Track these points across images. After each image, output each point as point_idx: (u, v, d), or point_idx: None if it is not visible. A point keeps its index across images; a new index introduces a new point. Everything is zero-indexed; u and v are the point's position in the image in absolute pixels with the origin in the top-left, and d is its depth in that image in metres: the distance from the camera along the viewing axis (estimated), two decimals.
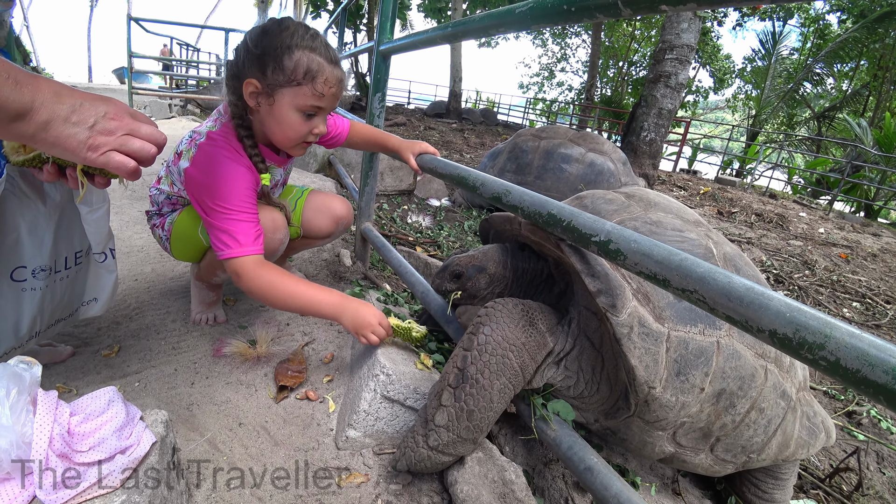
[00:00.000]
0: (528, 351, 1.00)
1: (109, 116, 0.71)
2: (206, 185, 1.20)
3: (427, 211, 3.74)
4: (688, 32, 6.04)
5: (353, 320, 1.21)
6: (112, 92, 12.55)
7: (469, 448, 0.98)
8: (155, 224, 1.51)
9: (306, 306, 1.21)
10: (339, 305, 1.22)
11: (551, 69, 27.34)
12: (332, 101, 1.23)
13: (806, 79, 15.71)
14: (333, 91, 1.20)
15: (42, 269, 1.04)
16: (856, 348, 0.51)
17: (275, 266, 1.22)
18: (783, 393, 1.03)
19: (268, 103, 1.19)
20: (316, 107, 1.20)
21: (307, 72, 1.14)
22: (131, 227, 2.42)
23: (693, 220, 1.24)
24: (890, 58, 14.86)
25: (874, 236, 6.37)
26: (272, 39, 1.14)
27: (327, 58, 1.17)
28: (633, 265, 0.78)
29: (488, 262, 1.22)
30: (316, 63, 1.15)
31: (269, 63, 1.14)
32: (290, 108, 1.18)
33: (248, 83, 1.16)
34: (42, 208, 1.01)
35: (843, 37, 14.77)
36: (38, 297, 1.05)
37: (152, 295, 1.79)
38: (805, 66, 15.94)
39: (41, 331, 1.11)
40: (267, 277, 1.18)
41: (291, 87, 1.16)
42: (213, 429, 1.19)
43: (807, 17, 17.20)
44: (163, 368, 1.38)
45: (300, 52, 1.14)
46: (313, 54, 1.15)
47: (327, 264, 2.27)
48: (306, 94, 1.16)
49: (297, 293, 1.20)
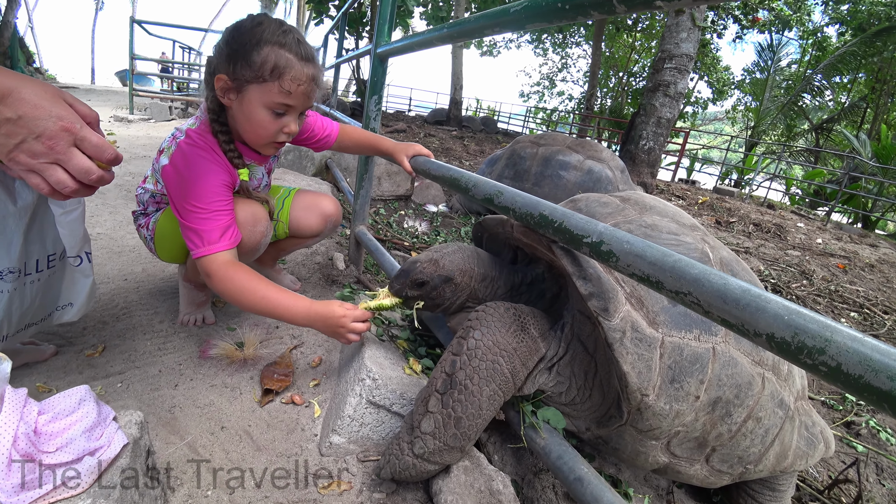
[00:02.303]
0: (519, 356, 0.96)
1: (45, 138, 0.69)
2: (180, 183, 1.18)
3: (424, 216, 3.72)
4: (687, 42, 6.07)
5: (324, 323, 1.17)
6: (114, 94, 12.59)
7: (456, 456, 0.95)
8: (140, 224, 1.49)
9: (275, 311, 1.16)
10: (308, 311, 1.17)
11: (552, 78, 27.48)
12: (302, 100, 1.19)
13: (805, 90, 15.80)
14: (303, 89, 1.17)
15: (10, 272, 1.00)
16: (858, 353, 0.48)
17: (247, 268, 1.19)
18: (781, 402, 1.00)
19: (237, 100, 1.17)
20: (285, 105, 1.17)
21: (274, 68, 1.12)
22: (125, 227, 2.40)
23: (689, 224, 1.21)
24: (888, 71, 14.98)
25: (872, 247, 6.36)
26: (243, 34, 1.13)
27: (297, 54, 1.14)
28: (626, 267, 0.75)
29: (454, 272, 1.14)
30: (284, 59, 1.12)
31: (238, 58, 1.12)
32: (258, 105, 1.16)
33: (218, 78, 1.14)
34: (11, 208, 0.98)
35: (841, 50, 14.87)
36: (5, 299, 1.01)
37: (141, 295, 1.76)
38: (804, 78, 16.03)
39: (9, 335, 1.07)
40: (237, 279, 1.15)
41: (258, 84, 1.13)
42: (195, 432, 1.16)
43: (805, 30, 17.32)
44: (147, 369, 1.35)
45: (269, 47, 1.11)
46: (282, 50, 1.12)
47: (320, 267, 2.24)
48: (273, 92, 1.14)
49: (268, 297, 1.15)
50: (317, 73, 1.20)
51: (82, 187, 0.75)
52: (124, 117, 6.82)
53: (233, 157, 1.25)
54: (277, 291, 1.17)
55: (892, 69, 14.93)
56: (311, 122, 1.58)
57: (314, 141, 1.62)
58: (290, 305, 1.16)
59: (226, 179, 1.22)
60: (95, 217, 2.50)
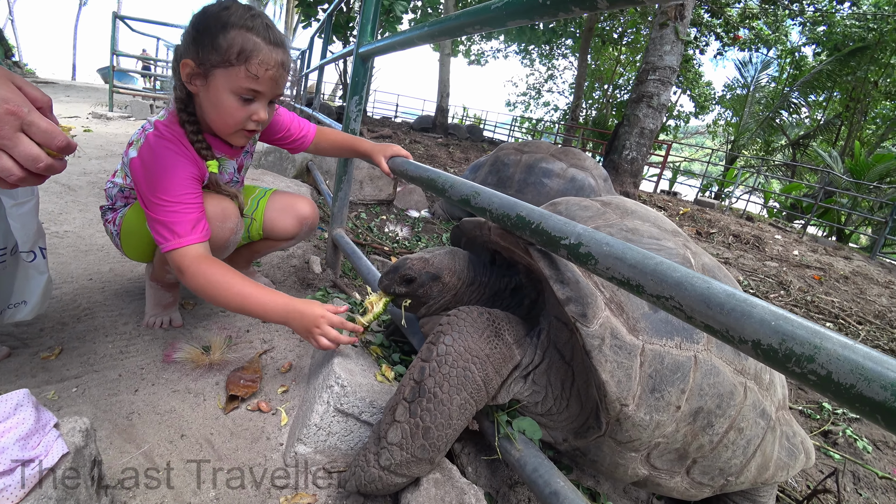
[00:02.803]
0: (492, 363, 0.92)
1: None
2: (147, 176, 1.14)
3: (406, 222, 3.67)
4: (670, 55, 6.16)
5: (300, 320, 1.12)
6: (94, 91, 12.31)
7: (425, 468, 0.90)
8: (108, 220, 1.43)
9: (252, 307, 1.12)
10: (285, 307, 1.13)
11: (538, 89, 27.77)
12: (270, 85, 1.15)
13: (782, 107, 16.22)
14: (271, 74, 1.13)
15: None
16: (850, 360, 0.44)
17: (221, 263, 1.15)
18: (763, 412, 0.97)
19: (204, 86, 1.13)
20: (252, 90, 1.13)
21: (241, 52, 1.08)
22: (94, 226, 2.31)
23: (671, 229, 1.18)
24: (861, 90, 15.51)
25: (846, 259, 6.50)
26: (209, 18, 1.09)
27: (266, 38, 1.11)
28: (605, 270, 0.71)
29: (443, 271, 1.12)
30: (252, 43, 1.09)
31: (204, 42, 1.08)
32: (225, 90, 1.12)
33: (184, 64, 1.10)
34: None
35: (817, 69, 15.34)
36: None
37: (106, 295, 1.68)
38: (782, 96, 16.47)
39: None
40: (210, 274, 1.11)
41: (225, 68, 1.09)
42: (152, 440, 1.09)
43: (784, 49, 17.83)
44: (106, 373, 1.28)
45: (236, 31, 1.08)
46: (249, 34, 1.09)
47: (296, 270, 2.18)
48: (240, 76, 1.10)
49: (244, 292, 1.11)
50: (286, 58, 1.16)
51: (29, 176, 0.69)
52: (103, 114, 6.65)
53: (200, 148, 1.21)
54: (254, 287, 1.13)
55: (864, 88, 15.46)
56: (286, 121, 1.54)
57: (290, 141, 1.57)
58: (267, 301, 1.12)
59: (194, 172, 1.18)
60: (64, 214, 2.40)
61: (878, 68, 15.20)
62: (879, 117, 16.88)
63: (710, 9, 13.73)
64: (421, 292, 1.12)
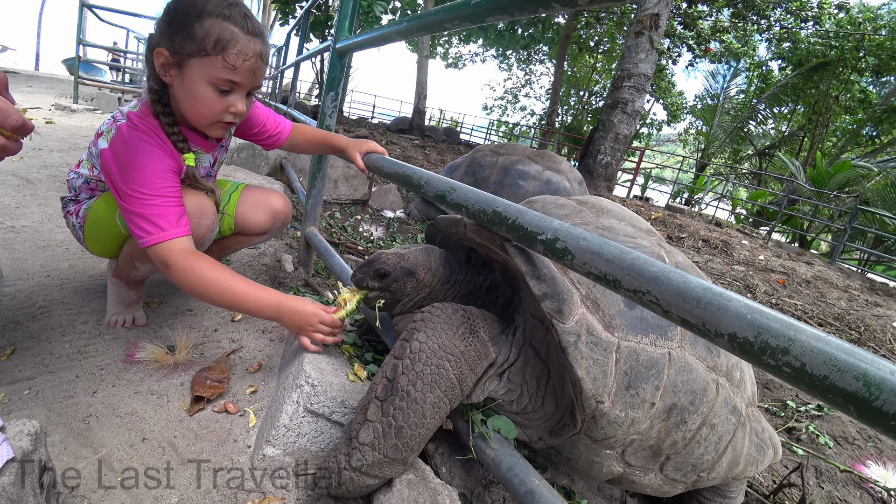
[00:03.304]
0: (467, 361, 0.90)
1: None
2: (120, 168, 1.09)
3: (381, 222, 3.64)
4: (645, 63, 6.30)
5: (292, 318, 1.13)
6: (59, 82, 11.83)
7: (398, 469, 0.87)
8: (69, 211, 1.36)
9: (243, 303, 1.11)
10: (278, 304, 1.13)
11: (515, 93, 28.07)
12: (248, 76, 1.12)
13: (750, 118, 16.81)
14: (249, 64, 1.10)
15: None
16: (823, 352, 0.45)
17: (209, 257, 1.11)
18: (734, 408, 0.98)
19: (179, 76, 1.09)
20: (230, 81, 1.10)
21: (218, 41, 1.04)
22: (54, 221, 2.20)
23: (645, 228, 1.19)
24: (823, 104, 16.21)
25: (808, 264, 6.75)
26: (184, 5, 1.05)
27: (244, 28, 1.08)
28: (582, 265, 0.71)
29: (418, 267, 1.11)
30: (229, 32, 1.05)
31: (179, 31, 1.04)
32: (201, 81, 1.08)
33: (157, 53, 1.06)
34: None
35: (782, 83, 15.98)
36: None
37: (64, 293, 1.60)
38: (749, 107, 17.07)
39: None
40: (199, 269, 1.07)
41: (201, 58, 1.06)
42: (111, 444, 1.04)
43: (752, 63, 18.50)
44: (62, 374, 1.22)
45: (212, 19, 1.04)
46: (226, 23, 1.05)
47: (267, 269, 2.12)
48: (217, 66, 1.06)
49: (234, 288, 1.09)
50: (264, 49, 1.13)
51: None
52: (67, 106, 6.37)
53: (177, 141, 1.17)
54: (245, 283, 1.12)
55: (826, 102, 16.18)
56: (262, 117, 1.50)
57: (265, 137, 1.54)
58: (258, 297, 1.12)
59: (171, 165, 1.14)
60: (21, 209, 2.28)
61: (839, 84, 15.96)
62: (839, 130, 17.71)
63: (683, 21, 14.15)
64: (395, 287, 1.10)
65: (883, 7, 16.01)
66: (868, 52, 14.80)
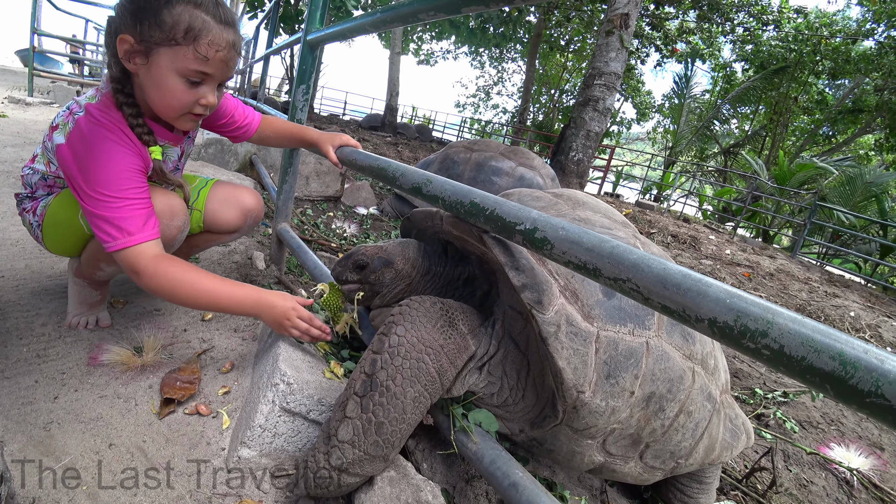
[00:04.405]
0: (446, 354, 0.89)
1: None
2: (80, 167, 1.02)
3: (354, 219, 3.59)
4: (615, 61, 6.41)
5: (271, 313, 1.10)
6: (12, 74, 11.24)
7: (379, 466, 0.86)
8: (25, 209, 1.28)
9: (220, 303, 1.08)
10: (257, 300, 1.10)
11: (488, 91, 28.17)
12: (220, 68, 1.07)
13: (715, 118, 17.35)
14: (222, 55, 1.05)
15: None
16: (800, 334, 0.45)
17: (177, 259, 1.07)
18: (709, 395, 1.01)
19: (145, 65, 1.03)
20: (201, 72, 1.05)
21: (189, 30, 0.99)
22: (7, 219, 2.09)
23: (621, 220, 1.21)
24: (783, 105, 16.87)
25: (771, 258, 7.00)
26: None
27: (216, 16, 1.02)
28: (561, 255, 0.71)
29: (396, 257, 1.10)
30: (200, 20, 1.00)
31: (146, 17, 0.98)
32: (170, 71, 1.02)
33: (121, 39, 0.99)
34: None
35: (745, 84, 16.54)
36: None
37: (21, 294, 1.52)
38: (714, 107, 17.61)
39: None
40: (171, 273, 1.03)
41: (170, 47, 1.00)
42: (75, 452, 0.99)
43: (716, 64, 19.09)
44: (20, 380, 1.15)
45: (182, 6, 0.99)
46: (197, 10, 1.00)
47: (238, 267, 2.06)
48: (188, 57, 1.01)
49: (209, 289, 1.06)
50: (237, 39, 1.08)
51: None
52: (21, 99, 6.06)
53: (142, 133, 1.10)
54: (220, 282, 1.09)
55: (786, 103, 16.85)
56: (230, 108, 1.44)
57: (234, 128, 1.48)
58: (236, 295, 1.10)
59: (137, 164, 1.07)
60: None
61: (798, 85, 16.67)
62: (798, 130, 18.48)
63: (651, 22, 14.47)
64: (373, 278, 1.09)
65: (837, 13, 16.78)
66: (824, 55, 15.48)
